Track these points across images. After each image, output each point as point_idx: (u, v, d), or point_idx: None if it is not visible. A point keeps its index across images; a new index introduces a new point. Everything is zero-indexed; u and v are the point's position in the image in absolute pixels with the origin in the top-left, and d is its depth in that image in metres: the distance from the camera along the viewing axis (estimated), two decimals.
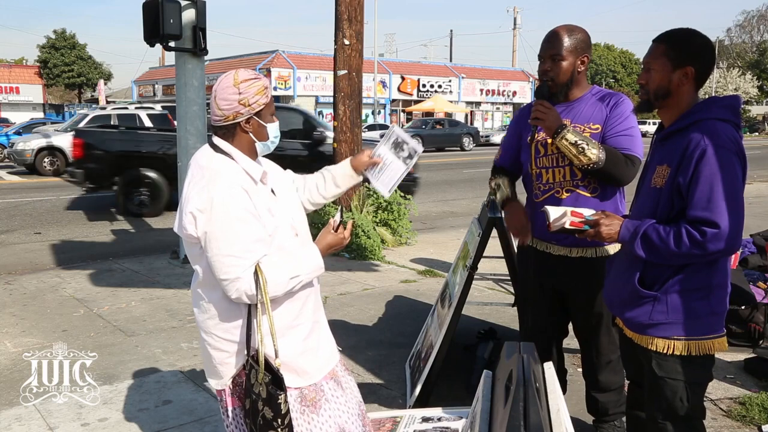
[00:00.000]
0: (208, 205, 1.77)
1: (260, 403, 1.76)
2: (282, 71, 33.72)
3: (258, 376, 1.77)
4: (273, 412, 1.74)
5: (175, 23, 5.91)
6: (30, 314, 4.93)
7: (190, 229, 1.80)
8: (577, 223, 2.17)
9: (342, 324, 4.65)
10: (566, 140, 2.48)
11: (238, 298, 1.80)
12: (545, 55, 2.59)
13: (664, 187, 2.01)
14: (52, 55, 41.76)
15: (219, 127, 1.90)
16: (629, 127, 2.56)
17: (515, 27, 47.45)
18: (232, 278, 1.77)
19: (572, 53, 2.55)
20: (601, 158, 2.46)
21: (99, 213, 10.30)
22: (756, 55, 62.82)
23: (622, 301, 2.15)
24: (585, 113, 2.61)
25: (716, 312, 2.03)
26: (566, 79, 2.58)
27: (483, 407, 1.63)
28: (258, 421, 1.76)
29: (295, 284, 1.85)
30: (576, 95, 2.64)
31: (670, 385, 2.06)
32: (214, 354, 1.93)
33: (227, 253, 1.77)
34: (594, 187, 2.61)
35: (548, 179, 2.67)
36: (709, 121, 1.96)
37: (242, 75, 1.87)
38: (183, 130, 6.43)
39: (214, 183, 1.80)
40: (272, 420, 1.74)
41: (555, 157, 2.62)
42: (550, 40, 2.59)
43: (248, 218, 1.79)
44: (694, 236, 1.89)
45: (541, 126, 2.56)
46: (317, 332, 2.01)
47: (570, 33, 2.57)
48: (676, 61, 2.01)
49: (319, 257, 1.91)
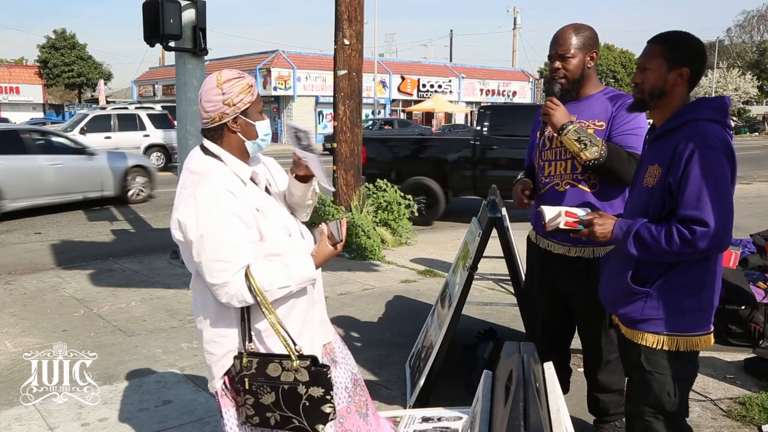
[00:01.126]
0: (193, 211, 1.78)
1: (301, 387, 1.81)
2: (282, 71, 33.70)
3: (290, 364, 1.81)
4: (324, 388, 1.81)
5: (175, 23, 5.91)
6: (30, 314, 4.93)
7: (177, 235, 1.82)
8: (572, 223, 2.23)
9: (342, 324, 4.65)
10: (570, 136, 2.54)
11: (227, 303, 1.81)
12: (555, 54, 2.64)
13: (655, 186, 2.06)
14: (52, 55, 41.75)
15: (207, 129, 1.91)
16: (636, 126, 2.59)
17: (515, 27, 47.43)
18: (221, 283, 1.78)
19: (581, 50, 2.61)
20: (603, 155, 2.51)
21: (99, 213, 10.31)
22: (756, 55, 62.82)
23: (616, 298, 2.20)
24: (592, 110, 2.66)
25: (706, 308, 2.08)
26: (577, 75, 2.63)
27: (483, 407, 1.64)
28: (302, 404, 1.81)
29: (283, 294, 1.86)
30: (587, 92, 2.69)
31: (658, 379, 2.11)
32: (209, 356, 1.94)
33: (214, 258, 1.77)
34: (594, 182, 2.65)
35: (549, 172, 2.73)
36: (698, 121, 2.01)
37: (225, 75, 1.87)
38: (183, 130, 6.43)
39: (199, 188, 1.81)
40: (325, 395, 1.81)
41: (558, 150, 2.68)
42: (558, 39, 2.63)
43: (234, 222, 1.79)
44: (684, 234, 1.94)
45: (548, 122, 2.63)
46: (310, 333, 2.00)
47: (577, 31, 2.62)
48: (672, 61, 2.05)
49: (311, 267, 1.89)
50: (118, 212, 10.43)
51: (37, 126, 17.23)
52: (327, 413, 1.82)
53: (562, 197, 2.67)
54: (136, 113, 18.38)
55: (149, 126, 17.90)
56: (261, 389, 1.83)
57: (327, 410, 1.82)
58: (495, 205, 3.43)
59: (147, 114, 18.36)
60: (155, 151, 17.90)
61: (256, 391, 1.83)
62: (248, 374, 1.83)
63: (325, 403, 1.81)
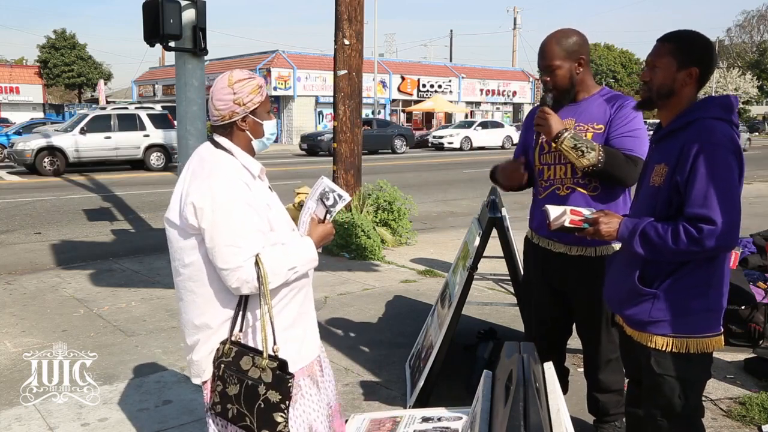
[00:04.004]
0: (209, 197, 1.83)
1: (262, 387, 1.80)
2: (282, 71, 33.69)
3: (260, 361, 1.81)
4: (281, 395, 1.79)
5: (175, 23, 5.91)
6: (30, 314, 4.93)
7: (192, 220, 1.85)
8: (577, 221, 2.21)
9: (342, 324, 4.65)
10: (566, 144, 2.52)
11: (237, 288, 1.84)
12: (542, 67, 2.66)
13: (662, 185, 2.04)
14: (52, 55, 41.74)
15: (217, 126, 1.99)
16: (634, 128, 2.58)
17: (515, 27, 47.41)
18: (233, 267, 1.81)
19: (566, 59, 2.60)
20: (601, 160, 2.50)
21: (99, 213, 10.31)
22: (756, 55, 62.81)
23: (622, 299, 2.17)
24: (590, 113, 2.65)
25: (714, 310, 2.06)
26: (567, 84, 2.63)
27: (483, 407, 1.64)
28: (258, 405, 1.80)
29: (291, 275, 1.91)
30: (583, 96, 2.69)
31: (669, 382, 2.08)
32: (200, 347, 1.95)
33: (228, 243, 1.82)
34: (595, 186, 2.64)
35: (549, 176, 2.72)
36: (706, 120, 1.99)
37: (236, 75, 1.95)
38: (183, 130, 6.42)
39: (215, 175, 1.87)
40: (280, 402, 1.79)
41: (557, 154, 2.66)
42: (543, 52, 2.65)
43: (248, 210, 1.85)
44: (692, 233, 1.92)
45: (542, 132, 2.63)
46: (303, 324, 2.03)
47: (559, 40, 2.61)
48: (682, 61, 2.03)
49: (314, 249, 1.98)
50: (118, 212, 10.43)
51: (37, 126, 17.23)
52: (278, 422, 1.79)
53: (563, 201, 2.65)
54: (136, 113, 18.37)
55: (149, 126, 17.89)
56: (230, 379, 1.84)
57: (278, 419, 1.79)
58: (495, 205, 3.43)
59: (147, 114, 18.34)
60: (155, 151, 17.92)
61: (226, 380, 1.85)
62: (225, 361, 1.86)
63: (278, 411, 1.79)
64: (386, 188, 7.82)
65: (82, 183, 14.63)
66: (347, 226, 6.90)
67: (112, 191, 12.92)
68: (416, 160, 22.77)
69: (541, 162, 2.75)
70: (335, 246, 6.86)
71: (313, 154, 24.75)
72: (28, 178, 15.98)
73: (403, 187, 8.64)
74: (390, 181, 8.08)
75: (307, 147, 25.21)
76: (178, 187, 1.96)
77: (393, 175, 13.61)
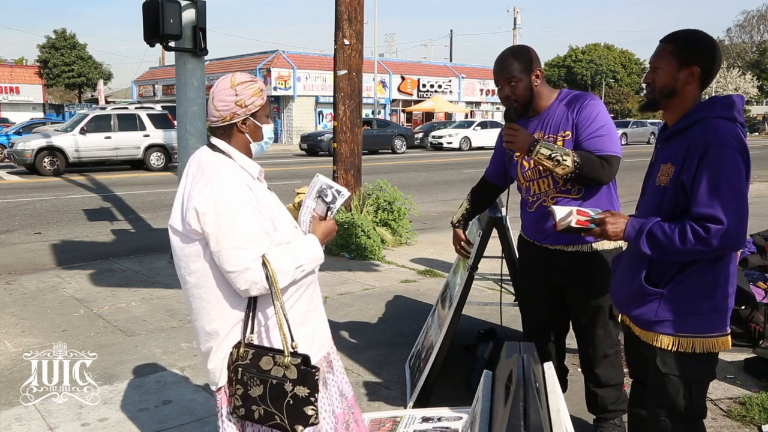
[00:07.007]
0: (211, 200, 1.82)
1: (288, 384, 1.81)
2: (282, 71, 33.71)
3: (282, 360, 1.82)
4: (309, 389, 1.81)
5: (175, 23, 5.91)
6: (30, 314, 4.93)
7: (195, 225, 1.85)
8: (583, 221, 2.20)
9: (342, 324, 4.65)
10: (541, 155, 2.57)
11: (246, 290, 1.84)
12: (501, 82, 2.71)
13: (668, 185, 2.03)
14: (52, 55, 41.77)
15: (216, 128, 1.97)
16: (599, 126, 2.61)
17: (515, 27, 47.34)
18: (241, 269, 1.81)
19: (524, 72, 2.66)
20: (578, 164, 2.54)
21: (99, 213, 10.31)
22: (756, 55, 62.81)
23: (629, 299, 2.17)
24: (555, 122, 2.69)
25: (721, 310, 2.05)
26: (527, 97, 2.69)
27: (483, 407, 1.64)
28: (286, 402, 1.81)
29: (299, 274, 1.91)
30: (543, 106, 2.73)
31: (674, 382, 2.08)
32: (214, 354, 1.94)
33: (234, 246, 1.81)
34: (578, 188, 2.68)
35: (535, 190, 2.78)
36: (712, 119, 1.98)
37: (239, 78, 1.95)
38: (183, 130, 6.43)
39: (216, 178, 1.86)
40: (309, 396, 1.81)
41: (537, 169, 2.72)
42: (500, 67, 2.69)
43: (252, 211, 1.85)
44: (699, 233, 1.91)
45: (513, 148, 2.69)
46: (312, 321, 2.04)
47: (516, 55, 2.68)
48: (682, 60, 2.03)
49: (319, 247, 1.99)
50: (118, 212, 10.43)
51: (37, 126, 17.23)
52: (309, 415, 1.82)
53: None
54: (136, 113, 18.36)
55: (149, 126, 17.88)
56: (251, 381, 1.85)
57: (309, 412, 1.81)
58: (495, 205, 3.43)
59: (147, 114, 18.33)
60: (155, 151, 17.90)
61: (247, 382, 1.85)
62: (242, 364, 1.86)
63: (308, 405, 1.81)
64: (386, 188, 7.82)
65: (82, 183, 14.63)
66: (347, 226, 6.90)
67: (112, 191, 12.91)
68: (416, 160, 22.77)
69: (525, 179, 2.79)
70: (335, 246, 6.86)
71: (313, 154, 24.77)
72: (28, 178, 15.98)
73: (403, 187, 8.65)
74: (390, 181, 8.07)
75: (307, 147, 25.24)
76: (179, 194, 1.95)
77: (393, 175, 13.61)
